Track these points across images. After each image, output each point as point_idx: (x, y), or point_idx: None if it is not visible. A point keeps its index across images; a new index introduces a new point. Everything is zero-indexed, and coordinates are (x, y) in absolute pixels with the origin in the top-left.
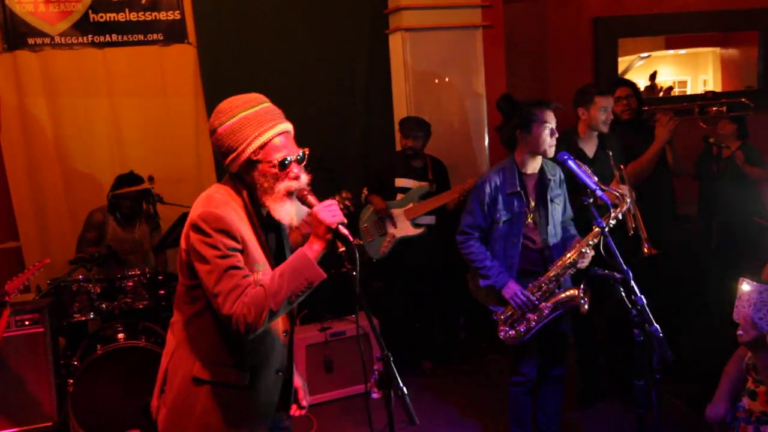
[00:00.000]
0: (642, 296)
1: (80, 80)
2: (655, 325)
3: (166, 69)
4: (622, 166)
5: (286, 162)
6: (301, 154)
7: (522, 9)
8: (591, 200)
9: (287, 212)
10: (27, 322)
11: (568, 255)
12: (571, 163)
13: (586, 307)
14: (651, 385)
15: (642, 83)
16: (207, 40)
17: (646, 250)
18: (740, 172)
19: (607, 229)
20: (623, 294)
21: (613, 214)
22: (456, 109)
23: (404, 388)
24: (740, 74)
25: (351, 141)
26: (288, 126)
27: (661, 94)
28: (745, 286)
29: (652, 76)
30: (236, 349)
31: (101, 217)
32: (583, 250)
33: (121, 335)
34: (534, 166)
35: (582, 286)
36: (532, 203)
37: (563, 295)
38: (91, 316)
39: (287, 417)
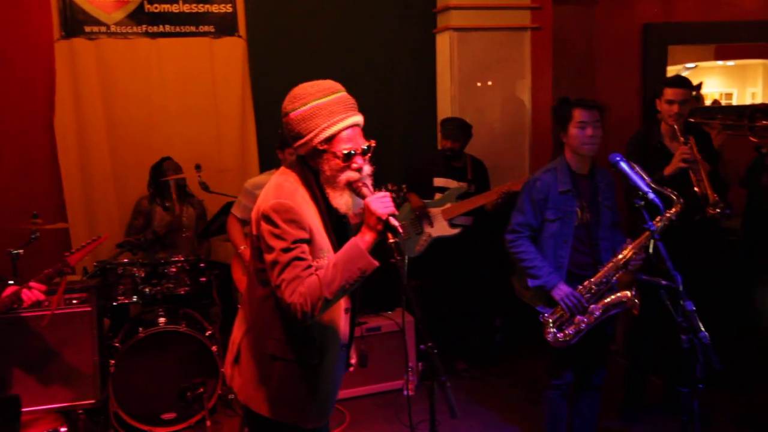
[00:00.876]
0: (690, 302)
1: (133, 69)
2: (704, 331)
3: (215, 61)
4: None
5: (351, 154)
6: (366, 146)
7: (572, 12)
8: (642, 203)
9: (345, 202)
10: (75, 301)
11: (620, 256)
12: (623, 164)
13: (637, 310)
14: (694, 394)
15: None
16: (257, 34)
17: (710, 210)
18: None
19: (657, 233)
20: (668, 301)
21: (666, 216)
22: (500, 110)
23: (447, 381)
24: None
25: (394, 139)
26: (358, 118)
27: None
28: None
29: (698, 87)
30: (303, 331)
31: (147, 204)
32: (635, 252)
33: (162, 319)
34: (583, 167)
35: (634, 289)
36: (584, 203)
37: (614, 297)
38: (135, 299)
39: None
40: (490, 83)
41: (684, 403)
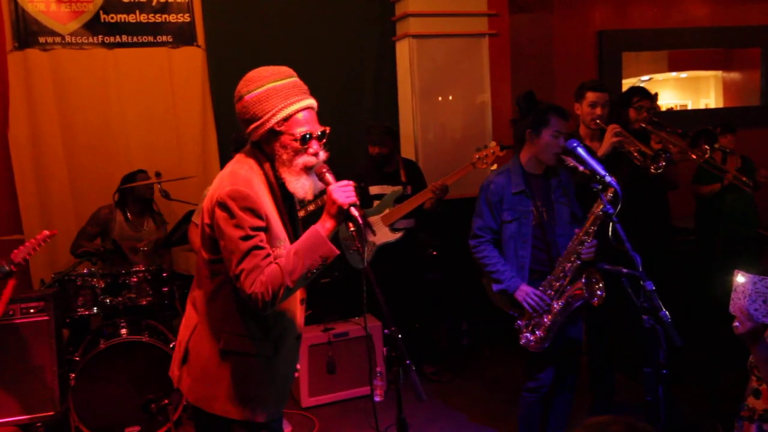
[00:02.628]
0: (650, 282)
1: (89, 80)
2: (664, 310)
3: (174, 70)
4: None
5: (308, 137)
6: (321, 131)
7: (528, 20)
8: (600, 186)
9: (302, 186)
10: (32, 310)
11: (570, 246)
12: (580, 149)
13: (596, 300)
14: (659, 377)
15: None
16: (216, 42)
17: (653, 167)
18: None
19: (615, 215)
20: (630, 289)
21: (606, 198)
22: (461, 115)
23: (412, 365)
24: (742, 97)
25: (357, 146)
26: (313, 102)
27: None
28: (740, 278)
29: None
30: (259, 322)
31: (108, 213)
32: (583, 237)
33: (124, 330)
34: (538, 168)
35: (584, 279)
36: (538, 203)
37: (571, 290)
38: (95, 310)
39: None
40: (451, 88)
41: (647, 383)
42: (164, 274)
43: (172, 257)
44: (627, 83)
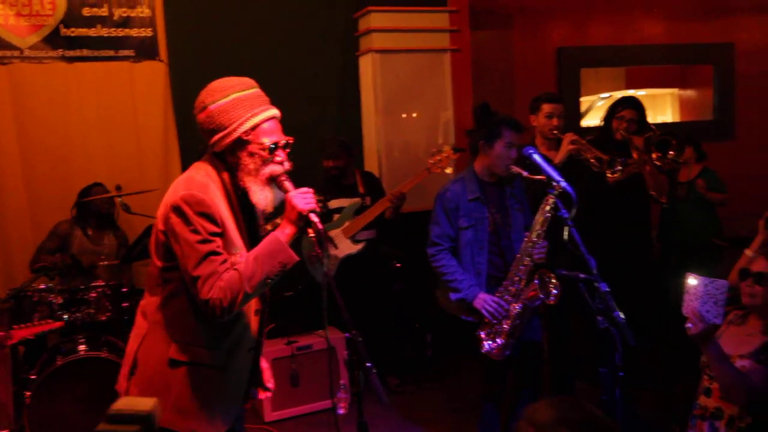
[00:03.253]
0: (605, 284)
1: (49, 93)
2: (618, 311)
3: (136, 85)
4: None
5: (275, 146)
6: (286, 141)
7: (489, 37)
8: (556, 192)
9: (265, 197)
10: None
11: (521, 249)
12: (536, 156)
13: (552, 299)
14: (615, 377)
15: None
16: (179, 58)
17: (610, 173)
18: (701, 195)
19: (570, 220)
20: (586, 294)
21: (550, 201)
22: (424, 130)
23: (373, 367)
24: (697, 113)
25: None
26: (277, 112)
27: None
28: (692, 281)
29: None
30: (212, 331)
31: (68, 228)
32: (534, 240)
33: (82, 347)
34: (492, 176)
35: (537, 280)
36: (493, 209)
37: (526, 291)
38: None
39: (245, 408)
40: (414, 103)
41: (603, 384)
42: (124, 290)
43: (133, 273)
44: (586, 101)
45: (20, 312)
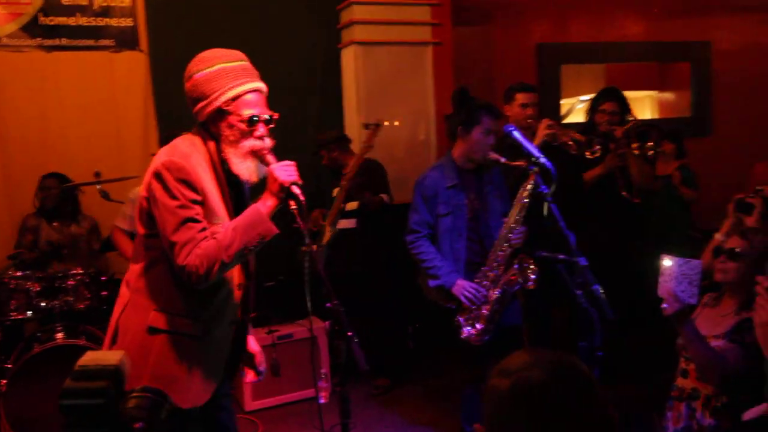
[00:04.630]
0: (583, 258)
1: (27, 83)
2: (597, 285)
3: (116, 75)
4: None
5: (255, 119)
6: (269, 116)
7: (471, 32)
8: (535, 168)
9: (247, 168)
10: None
11: (500, 234)
12: (516, 133)
13: (531, 284)
14: (594, 357)
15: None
16: (160, 48)
17: (588, 153)
18: (676, 190)
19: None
20: (566, 274)
21: (529, 184)
22: (406, 122)
23: (354, 336)
24: (675, 111)
25: (303, 151)
26: (262, 86)
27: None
28: (667, 262)
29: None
30: (192, 300)
31: (34, 221)
32: (512, 225)
33: (60, 335)
34: (470, 163)
35: (516, 265)
36: (471, 196)
37: (505, 277)
38: (29, 314)
39: (233, 387)
40: (396, 96)
41: (581, 357)
42: (103, 278)
43: (109, 261)
44: (567, 103)
45: None
